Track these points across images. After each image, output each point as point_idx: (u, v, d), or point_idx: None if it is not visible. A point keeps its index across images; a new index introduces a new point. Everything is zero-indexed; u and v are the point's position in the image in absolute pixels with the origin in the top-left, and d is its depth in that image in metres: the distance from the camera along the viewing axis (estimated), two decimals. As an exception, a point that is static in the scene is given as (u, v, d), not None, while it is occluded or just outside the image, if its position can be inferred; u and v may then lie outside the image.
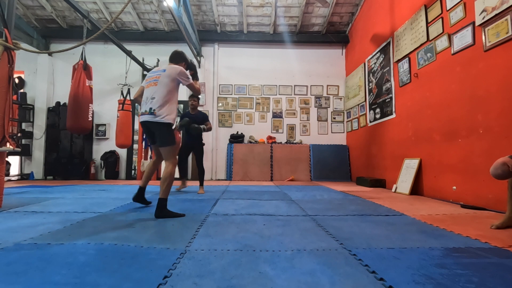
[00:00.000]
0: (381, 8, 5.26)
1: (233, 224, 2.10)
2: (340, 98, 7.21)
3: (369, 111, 5.69)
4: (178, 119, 4.33)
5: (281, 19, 6.76)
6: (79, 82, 4.22)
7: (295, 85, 7.21)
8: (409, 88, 4.25)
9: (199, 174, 4.19)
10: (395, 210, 2.72)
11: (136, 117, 6.79)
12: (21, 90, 6.70)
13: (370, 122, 5.65)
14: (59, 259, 1.32)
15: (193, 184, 5.61)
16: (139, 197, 2.79)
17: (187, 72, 2.63)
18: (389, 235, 1.81)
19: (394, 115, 4.72)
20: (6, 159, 3.89)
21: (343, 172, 6.68)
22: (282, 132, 7.13)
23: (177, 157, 3.01)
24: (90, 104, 4.31)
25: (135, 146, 6.99)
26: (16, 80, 6.49)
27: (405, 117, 4.37)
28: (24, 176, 6.39)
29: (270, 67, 7.21)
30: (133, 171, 7.06)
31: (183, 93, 6.88)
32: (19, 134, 6.18)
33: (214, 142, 6.99)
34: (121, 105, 5.58)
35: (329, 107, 7.19)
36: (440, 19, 3.52)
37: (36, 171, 6.46)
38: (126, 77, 6.16)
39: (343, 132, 7.12)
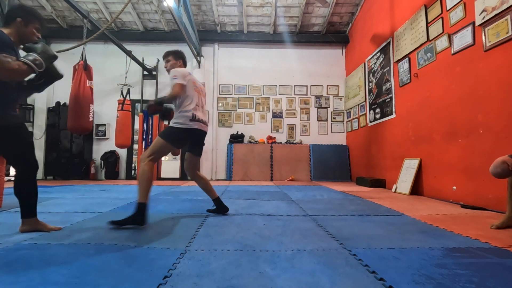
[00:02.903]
0: (381, 8, 5.26)
1: (233, 224, 2.09)
2: (340, 98, 7.21)
3: (369, 111, 5.69)
4: None
5: (281, 19, 6.76)
6: (79, 83, 4.22)
7: (295, 85, 7.21)
8: (409, 88, 4.24)
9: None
10: (395, 210, 2.72)
11: (136, 117, 6.80)
12: (21, 90, 6.69)
13: (370, 122, 5.65)
14: (59, 259, 1.32)
15: (193, 184, 5.61)
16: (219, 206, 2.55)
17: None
18: (389, 235, 1.81)
19: (394, 115, 4.72)
20: (6, 159, 3.88)
21: (343, 172, 6.68)
22: (282, 132, 7.13)
23: None
24: (90, 105, 4.31)
25: (135, 146, 7.00)
26: (16, 80, 6.47)
27: (405, 117, 4.37)
28: (24, 176, 6.38)
29: (270, 67, 7.21)
30: (133, 171, 7.07)
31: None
32: (19, 134, 6.16)
33: (214, 142, 6.99)
34: (121, 105, 5.58)
35: (329, 107, 7.19)
36: (440, 19, 3.52)
37: (36, 171, 6.45)
38: (126, 77, 6.16)
39: (343, 132, 7.12)
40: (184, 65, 2.59)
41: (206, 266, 1.26)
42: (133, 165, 7.14)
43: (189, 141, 2.43)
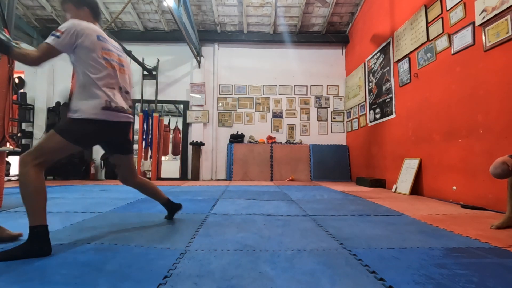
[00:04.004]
0: (381, 8, 5.26)
1: (233, 224, 2.09)
2: (340, 98, 7.21)
3: (369, 111, 5.69)
4: None
5: (281, 19, 6.76)
6: (79, 82, 4.22)
7: (295, 85, 7.21)
8: (409, 88, 4.24)
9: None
10: (395, 210, 2.72)
11: (136, 117, 6.79)
12: (21, 90, 6.70)
13: (370, 122, 5.65)
14: (59, 259, 1.32)
15: (193, 184, 5.61)
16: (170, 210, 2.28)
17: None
18: (389, 235, 1.81)
19: (394, 115, 4.72)
20: (6, 159, 3.89)
21: (343, 172, 6.68)
22: (282, 132, 7.13)
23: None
24: (90, 104, 4.32)
25: (135, 146, 6.99)
26: (16, 80, 6.49)
27: (405, 117, 4.37)
28: (24, 176, 6.38)
29: (270, 67, 7.21)
30: (133, 171, 7.06)
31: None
32: (19, 134, 6.17)
33: (214, 142, 6.99)
34: (121, 105, 5.57)
35: (329, 107, 7.19)
36: (440, 19, 3.52)
37: (36, 171, 6.44)
38: (126, 77, 6.14)
39: (343, 132, 7.12)
40: (95, 16, 1.76)
41: (206, 266, 1.26)
42: (133, 165, 7.14)
43: (105, 139, 1.77)
